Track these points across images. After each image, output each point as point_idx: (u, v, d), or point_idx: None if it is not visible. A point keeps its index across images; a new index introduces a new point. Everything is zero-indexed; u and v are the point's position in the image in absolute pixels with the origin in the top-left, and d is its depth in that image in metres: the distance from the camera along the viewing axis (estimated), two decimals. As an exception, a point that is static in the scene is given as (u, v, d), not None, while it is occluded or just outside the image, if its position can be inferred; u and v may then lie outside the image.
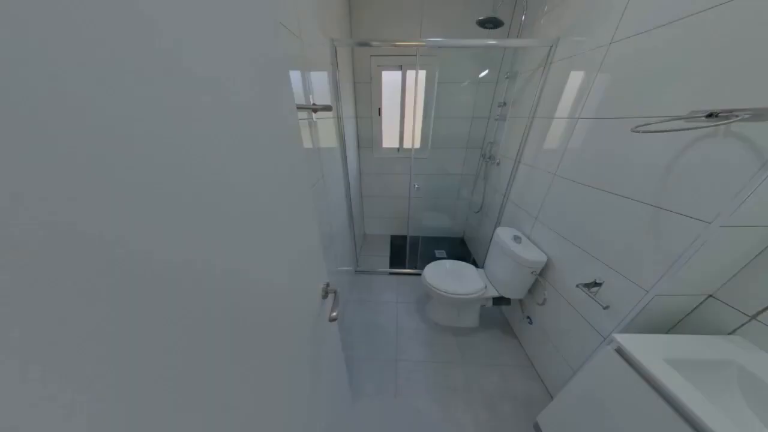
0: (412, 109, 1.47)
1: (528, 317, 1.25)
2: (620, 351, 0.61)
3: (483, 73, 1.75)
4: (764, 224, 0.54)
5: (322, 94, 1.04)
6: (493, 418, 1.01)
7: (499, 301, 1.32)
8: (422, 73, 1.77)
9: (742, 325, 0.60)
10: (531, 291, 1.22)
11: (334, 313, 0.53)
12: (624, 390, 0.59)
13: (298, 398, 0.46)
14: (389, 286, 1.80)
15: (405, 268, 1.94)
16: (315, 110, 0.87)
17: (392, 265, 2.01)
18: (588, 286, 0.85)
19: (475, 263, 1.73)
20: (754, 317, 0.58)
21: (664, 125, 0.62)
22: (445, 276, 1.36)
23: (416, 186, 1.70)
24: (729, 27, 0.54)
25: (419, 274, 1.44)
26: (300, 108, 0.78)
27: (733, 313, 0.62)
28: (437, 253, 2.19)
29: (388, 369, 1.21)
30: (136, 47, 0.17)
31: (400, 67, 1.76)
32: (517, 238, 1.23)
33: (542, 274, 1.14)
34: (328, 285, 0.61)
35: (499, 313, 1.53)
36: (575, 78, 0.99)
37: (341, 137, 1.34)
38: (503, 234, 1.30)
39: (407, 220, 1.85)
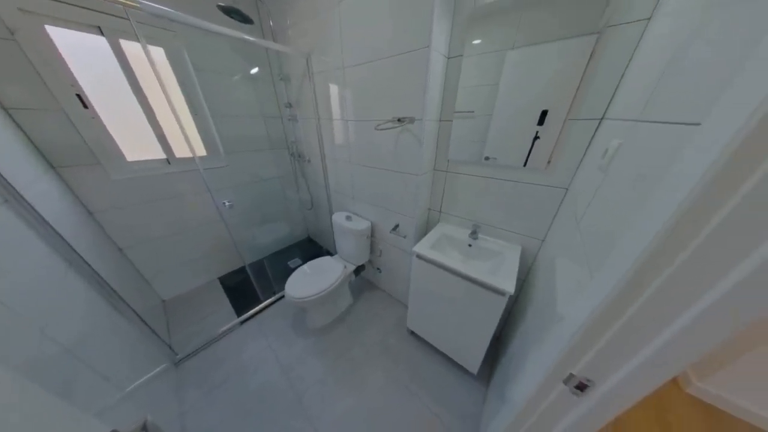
0: (164, 102, 1.01)
1: (377, 268, 1.67)
2: (418, 255, 1.05)
3: (254, 70, 1.67)
4: (428, 171, 1.17)
5: None
6: (388, 354, 1.30)
7: (357, 270, 1.60)
8: (157, 51, 1.27)
9: (440, 216, 1.31)
10: (372, 250, 1.61)
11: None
12: (427, 274, 1.05)
13: None
14: (250, 336, 1.39)
15: (261, 302, 1.58)
16: None
17: (240, 310, 1.53)
18: (394, 229, 1.32)
19: (329, 253, 1.87)
20: (440, 211, 1.30)
21: (385, 125, 1.06)
22: (310, 280, 1.33)
23: (227, 203, 1.34)
24: (389, 72, 1.01)
25: (283, 296, 1.25)
26: None
27: (436, 213, 1.31)
28: (291, 263, 2.03)
29: (294, 419, 1.02)
30: None
31: (100, 31, 1.09)
32: (348, 218, 1.51)
33: (373, 235, 1.54)
34: None
35: (361, 279, 1.87)
36: (334, 89, 1.31)
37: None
38: (338, 218, 1.52)
39: (235, 247, 1.44)
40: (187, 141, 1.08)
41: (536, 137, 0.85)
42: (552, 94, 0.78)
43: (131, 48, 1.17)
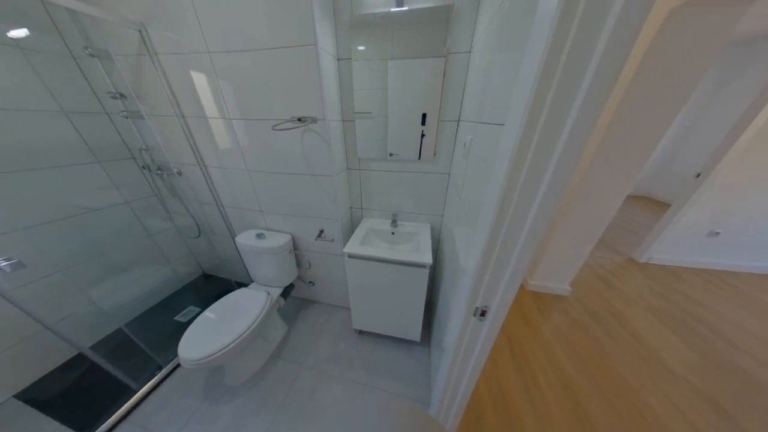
0: None
1: (310, 282, 1.53)
2: (350, 255, 1.05)
3: (18, 33, 1.00)
4: (341, 171, 1.18)
5: None
6: (340, 362, 1.25)
7: (285, 292, 1.40)
8: None
9: (362, 212, 1.36)
10: (299, 264, 1.46)
11: None
12: (362, 270, 1.08)
13: None
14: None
15: (135, 391, 1.07)
16: None
17: (91, 423, 0.97)
18: (319, 235, 1.25)
19: (240, 284, 1.52)
20: (361, 207, 1.35)
21: (284, 125, 0.96)
22: (220, 327, 1.03)
23: (5, 263, 0.78)
24: (277, 66, 0.90)
25: (178, 365, 0.89)
26: None
27: (358, 210, 1.36)
28: (182, 316, 1.49)
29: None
30: None
31: None
32: (260, 236, 1.27)
33: (296, 248, 1.38)
34: None
35: (293, 299, 1.65)
36: (200, 78, 1.02)
37: None
38: (245, 240, 1.25)
39: (50, 331, 0.86)
40: None
41: (423, 135, 1.04)
42: (426, 100, 0.98)
43: None
